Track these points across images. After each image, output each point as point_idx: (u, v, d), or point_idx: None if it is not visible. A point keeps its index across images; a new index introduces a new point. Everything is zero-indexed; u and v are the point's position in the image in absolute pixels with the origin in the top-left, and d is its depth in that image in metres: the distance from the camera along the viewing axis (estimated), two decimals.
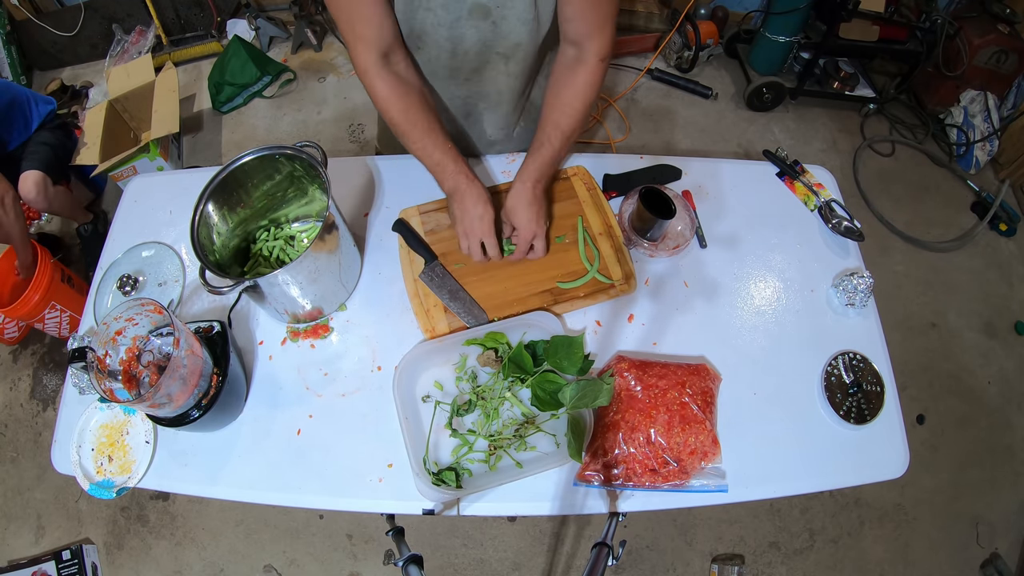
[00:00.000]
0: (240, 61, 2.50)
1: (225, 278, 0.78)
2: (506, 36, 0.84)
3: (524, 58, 0.89)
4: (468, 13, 0.80)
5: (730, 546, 1.68)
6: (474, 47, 0.85)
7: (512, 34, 0.83)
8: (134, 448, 0.86)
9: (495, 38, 0.84)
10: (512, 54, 0.88)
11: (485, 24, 0.81)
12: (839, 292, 0.99)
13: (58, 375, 1.95)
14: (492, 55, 0.88)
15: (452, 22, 0.81)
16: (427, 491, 0.78)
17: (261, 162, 0.87)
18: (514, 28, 0.82)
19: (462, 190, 0.89)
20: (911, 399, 1.91)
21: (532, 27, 0.83)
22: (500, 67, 0.90)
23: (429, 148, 0.88)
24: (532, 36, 0.85)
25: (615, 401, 0.84)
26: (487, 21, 0.81)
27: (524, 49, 0.87)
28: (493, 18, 0.81)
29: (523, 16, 0.80)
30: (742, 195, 1.11)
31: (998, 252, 2.28)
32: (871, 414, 0.89)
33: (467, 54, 0.87)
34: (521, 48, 0.87)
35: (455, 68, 0.90)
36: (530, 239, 0.93)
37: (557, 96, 0.89)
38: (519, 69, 0.92)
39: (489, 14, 0.80)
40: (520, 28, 0.82)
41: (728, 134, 2.54)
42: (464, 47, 0.85)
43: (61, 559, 1.58)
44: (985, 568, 1.69)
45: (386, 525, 0.87)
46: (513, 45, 0.86)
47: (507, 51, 0.87)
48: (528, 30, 0.83)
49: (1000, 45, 2.22)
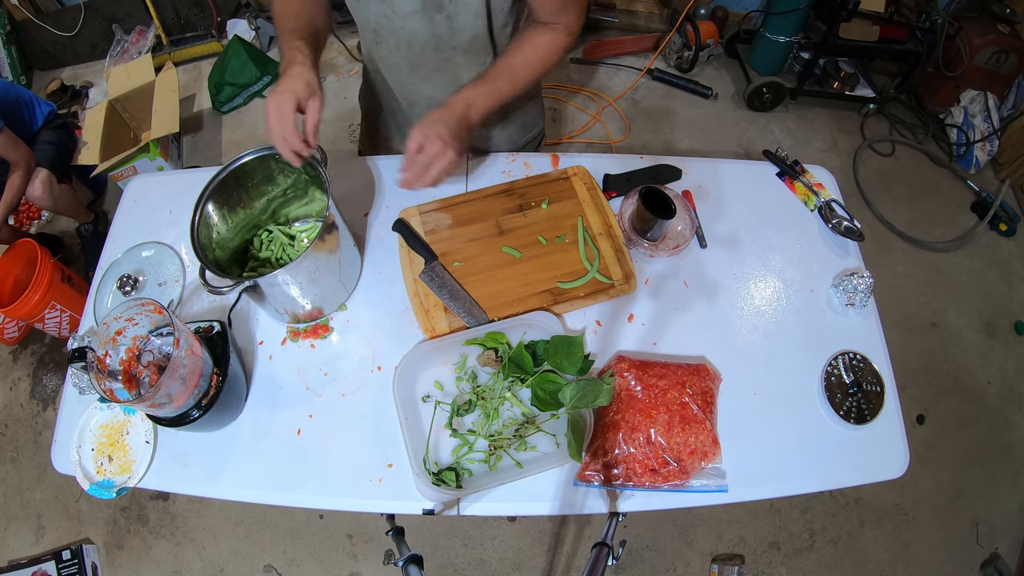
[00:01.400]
0: (240, 61, 2.50)
1: (225, 278, 0.78)
2: (461, 30, 0.85)
3: (483, 49, 0.91)
4: (422, 7, 0.81)
5: (730, 546, 1.68)
6: (430, 41, 0.87)
7: (467, 27, 0.85)
8: (134, 448, 0.86)
9: (451, 32, 0.85)
10: (469, 47, 0.89)
11: (440, 17, 0.82)
12: (839, 292, 0.99)
13: (58, 375, 1.95)
14: (450, 50, 0.89)
15: (407, 14, 0.82)
16: (427, 491, 0.78)
17: (261, 162, 0.87)
18: (468, 21, 0.83)
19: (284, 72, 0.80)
20: (911, 399, 1.91)
21: (484, 19, 0.84)
22: (459, 60, 0.92)
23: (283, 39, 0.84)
24: (486, 29, 0.86)
25: (615, 401, 0.84)
26: (441, 15, 0.82)
27: (480, 40, 0.88)
28: (447, 12, 0.82)
29: (478, 10, 0.82)
30: (742, 195, 1.11)
31: (998, 252, 2.28)
32: (871, 414, 0.89)
33: (424, 48, 0.88)
34: (478, 40, 0.88)
35: (415, 63, 0.92)
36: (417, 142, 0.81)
37: (518, 46, 0.88)
38: (481, 61, 0.93)
39: (443, 8, 0.81)
40: (475, 21, 0.84)
41: (728, 134, 2.54)
42: (421, 40, 0.86)
43: (61, 559, 1.59)
44: (985, 568, 1.69)
45: (386, 525, 0.87)
46: (470, 38, 0.87)
47: (463, 45, 0.88)
48: (481, 23, 0.84)
49: (1000, 45, 2.22)
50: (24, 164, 1.77)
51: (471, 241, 1.00)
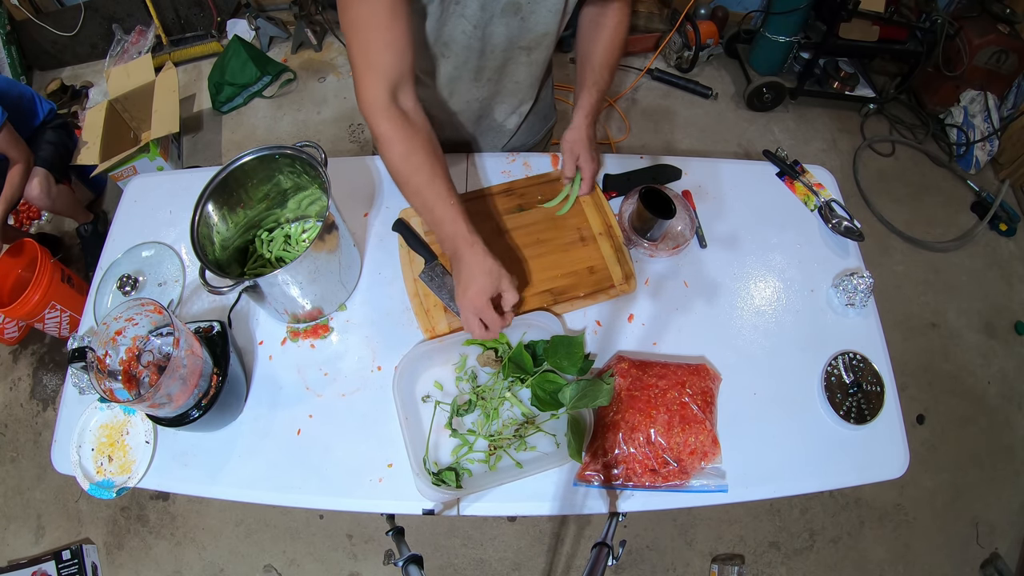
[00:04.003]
0: (240, 61, 2.50)
1: (225, 278, 0.78)
2: (533, 28, 0.83)
3: (547, 47, 0.90)
4: (501, 11, 0.78)
5: (730, 546, 1.68)
6: (501, 44, 0.84)
7: (539, 25, 0.82)
8: (134, 448, 0.86)
9: (521, 32, 0.83)
10: (537, 45, 0.87)
11: (515, 20, 0.80)
12: (839, 292, 0.99)
13: (58, 375, 1.95)
14: (516, 50, 0.87)
15: (485, 22, 0.79)
16: (427, 491, 0.78)
17: (261, 162, 0.87)
18: (543, 19, 0.81)
19: (461, 257, 0.77)
20: (911, 399, 1.91)
21: (561, 16, 0.83)
22: (522, 59, 0.90)
23: (431, 201, 0.77)
24: (559, 24, 0.85)
25: (615, 401, 0.84)
26: (516, 17, 0.80)
27: (549, 38, 0.87)
28: (523, 13, 0.80)
29: (555, 7, 0.80)
30: (742, 195, 1.11)
31: (998, 252, 2.28)
32: (871, 414, 0.89)
33: (494, 52, 0.86)
34: (547, 37, 0.86)
35: (480, 68, 0.89)
36: (595, 174, 0.99)
37: (593, 40, 0.93)
38: (541, 58, 0.92)
39: (520, 9, 0.79)
40: (549, 18, 0.82)
41: (728, 134, 2.54)
42: (492, 45, 0.84)
43: (61, 559, 1.58)
44: (985, 568, 1.69)
45: (386, 525, 0.87)
46: (540, 35, 0.85)
47: (531, 43, 0.86)
48: (557, 20, 0.83)
49: (1000, 45, 2.22)
50: (23, 161, 1.77)
51: None
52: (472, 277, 0.76)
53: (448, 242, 0.78)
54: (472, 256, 0.76)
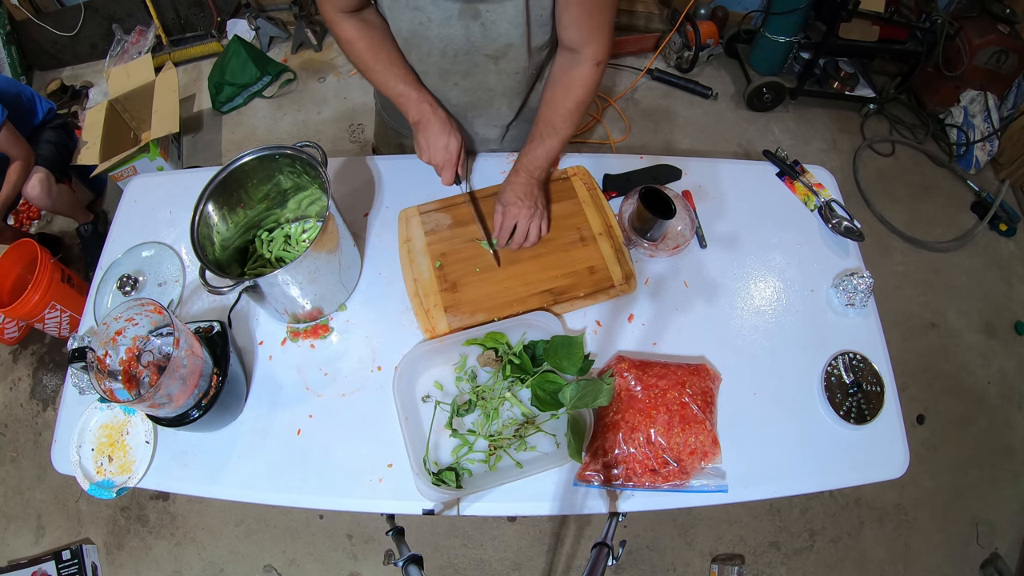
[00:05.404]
0: (240, 61, 2.50)
1: (225, 278, 0.78)
2: (495, 38, 0.84)
3: (516, 58, 0.90)
4: (459, 14, 0.80)
5: (730, 546, 1.68)
6: (462, 47, 0.86)
7: (502, 36, 0.84)
8: (134, 448, 0.86)
9: (485, 40, 0.84)
10: (502, 55, 0.88)
11: (475, 25, 0.82)
12: (839, 292, 0.99)
13: (58, 375, 1.95)
14: (480, 56, 0.88)
15: (442, 20, 0.81)
16: (427, 491, 0.78)
17: (261, 162, 0.87)
18: (503, 30, 0.83)
19: (426, 119, 0.93)
20: (911, 399, 1.91)
21: (523, 30, 0.83)
22: (491, 67, 0.91)
23: (392, 80, 0.91)
24: (524, 38, 0.85)
25: (615, 401, 0.84)
26: (476, 22, 0.81)
27: (516, 50, 0.87)
28: (482, 19, 0.81)
29: (514, 20, 0.81)
30: (742, 195, 1.11)
31: (998, 252, 2.28)
32: (871, 414, 0.89)
33: (456, 55, 0.87)
34: (512, 49, 0.87)
35: (446, 70, 0.91)
36: (512, 220, 0.95)
37: (552, 96, 0.91)
38: (512, 68, 0.92)
39: (479, 15, 0.80)
40: (511, 30, 0.83)
41: (728, 134, 2.54)
42: (453, 47, 0.86)
43: (61, 559, 1.58)
44: (985, 568, 1.69)
45: (386, 525, 0.87)
46: (504, 46, 0.86)
47: (497, 52, 0.88)
48: (520, 33, 0.83)
49: (1000, 45, 2.21)
50: (23, 160, 1.77)
51: (471, 241, 1.00)
52: (440, 134, 0.94)
53: (414, 110, 0.93)
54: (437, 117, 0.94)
